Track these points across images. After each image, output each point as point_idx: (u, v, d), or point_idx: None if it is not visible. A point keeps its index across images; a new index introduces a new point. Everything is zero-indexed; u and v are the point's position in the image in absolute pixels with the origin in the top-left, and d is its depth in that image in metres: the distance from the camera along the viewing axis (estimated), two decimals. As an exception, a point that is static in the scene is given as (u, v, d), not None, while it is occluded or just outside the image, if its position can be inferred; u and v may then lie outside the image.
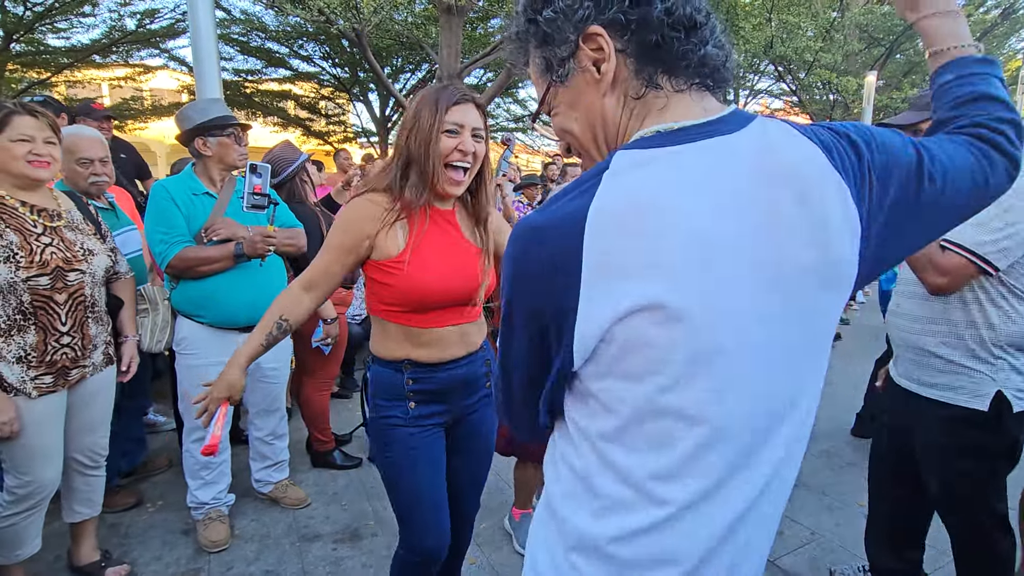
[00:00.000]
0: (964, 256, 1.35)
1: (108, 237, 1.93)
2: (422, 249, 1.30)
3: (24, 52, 9.19)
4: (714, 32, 0.60)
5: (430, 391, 1.37)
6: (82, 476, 1.89)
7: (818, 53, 10.48)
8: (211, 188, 2.12)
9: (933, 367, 1.47)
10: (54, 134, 1.68)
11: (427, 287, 1.29)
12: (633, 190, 0.54)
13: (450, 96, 1.27)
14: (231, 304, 2.07)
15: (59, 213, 1.74)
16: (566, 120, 0.66)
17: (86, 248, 1.76)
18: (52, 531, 2.16)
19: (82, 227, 1.81)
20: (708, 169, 0.56)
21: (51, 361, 1.66)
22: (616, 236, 0.53)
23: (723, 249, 0.54)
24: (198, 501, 2.20)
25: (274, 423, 2.43)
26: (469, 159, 1.30)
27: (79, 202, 1.89)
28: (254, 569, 2.05)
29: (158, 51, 10.34)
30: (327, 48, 11.07)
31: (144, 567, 2.05)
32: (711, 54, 0.60)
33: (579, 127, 0.65)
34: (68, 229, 1.75)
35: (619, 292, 0.53)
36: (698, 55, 0.59)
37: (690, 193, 0.54)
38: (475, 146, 1.30)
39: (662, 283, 0.53)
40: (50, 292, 1.64)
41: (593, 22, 0.59)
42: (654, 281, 0.52)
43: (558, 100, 0.66)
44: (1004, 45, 13.33)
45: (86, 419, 1.83)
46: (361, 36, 6.73)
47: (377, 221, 1.29)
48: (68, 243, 1.71)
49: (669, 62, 0.59)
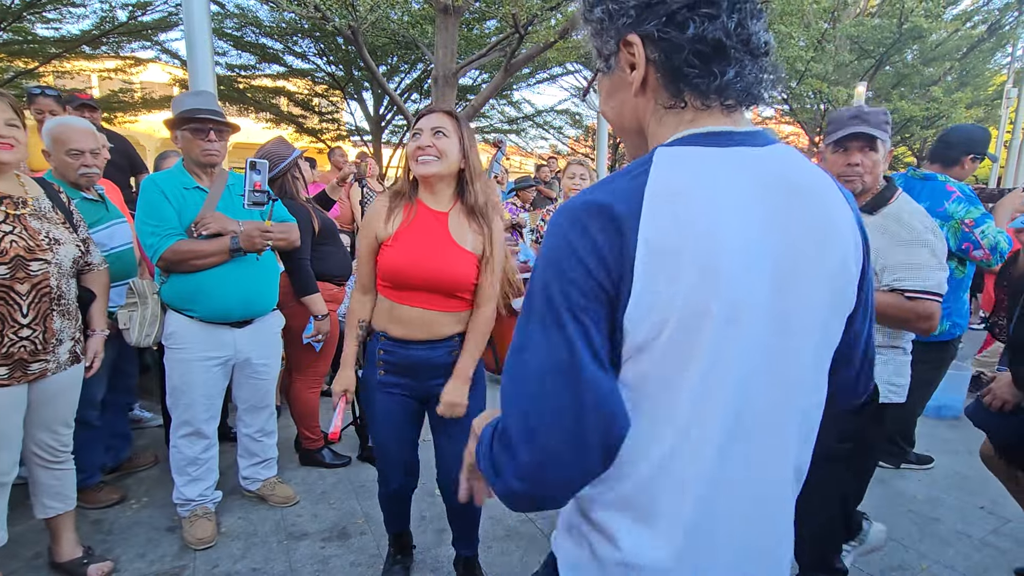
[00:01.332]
0: (936, 300, 1.52)
1: (80, 227, 1.87)
2: (405, 238, 1.59)
3: (11, 41, 9.04)
4: (755, 54, 0.64)
5: (394, 363, 1.65)
6: (47, 470, 1.84)
7: (809, 63, 10.62)
8: (200, 182, 2.10)
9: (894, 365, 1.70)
10: (17, 116, 1.64)
11: (400, 267, 1.57)
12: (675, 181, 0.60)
13: (422, 113, 1.60)
14: (222, 298, 2.06)
15: (24, 200, 1.68)
16: (604, 105, 0.75)
17: (52, 237, 1.70)
18: (31, 527, 2.12)
19: (50, 215, 1.74)
20: (736, 171, 0.62)
21: (7, 353, 1.61)
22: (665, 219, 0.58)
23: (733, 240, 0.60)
24: (184, 498, 2.18)
25: (263, 420, 2.40)
26: (429, 151, 1.54)
27: (50, 190, 1.82)
28: (240, 567, 2.03)
29: (150, 44, 10.22)
30: (322, 45, 11.00)
31: (128, 564, 2.02)
32: (741, 76, 0.63)
33: (612, 115, 0.74)
34: (34, 217, 1.69)
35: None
36: (724, 79, 0.62)
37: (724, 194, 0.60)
38: (434, 140, 1.54)
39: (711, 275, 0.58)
40: (10, 282, 1.58)
41: (632, 30, 0.64)
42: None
43: (601, 87, 0.74)
44: (990, 60, 13.60)
45: (46, 417, 1.78)
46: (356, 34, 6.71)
47: (380, 219, 1.62)
48: (32, 231, 1.65)
49: (693, 81, 0.63)
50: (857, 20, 11.31)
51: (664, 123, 0.66)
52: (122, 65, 10.30)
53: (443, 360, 1.66)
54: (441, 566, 2.05)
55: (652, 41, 0.63)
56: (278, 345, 2.42)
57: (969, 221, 2.47)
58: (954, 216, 2.52)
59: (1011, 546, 2.26)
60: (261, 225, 2.04)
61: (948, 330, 2.62)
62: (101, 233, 2.26)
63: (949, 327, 2.64)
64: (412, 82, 11.91)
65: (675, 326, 0.58)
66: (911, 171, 2.73)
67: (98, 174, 2.26)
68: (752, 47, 0.63)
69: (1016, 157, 11.28)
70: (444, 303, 1.61)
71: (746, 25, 0.62)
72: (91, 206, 2.25)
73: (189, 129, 2.02)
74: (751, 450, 0.64)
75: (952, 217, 2.52)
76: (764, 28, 0.64)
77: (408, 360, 1.64)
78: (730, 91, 0.63)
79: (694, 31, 0.61)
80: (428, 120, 1.56)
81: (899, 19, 10.31)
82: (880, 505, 2.56)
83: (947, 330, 2.60)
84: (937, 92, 11.27)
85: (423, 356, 1.64)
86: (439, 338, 1.64)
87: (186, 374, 2.09)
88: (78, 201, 2.18)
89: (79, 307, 1.85)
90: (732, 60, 0.62)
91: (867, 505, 2.52)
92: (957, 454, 3.10)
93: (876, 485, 2.73)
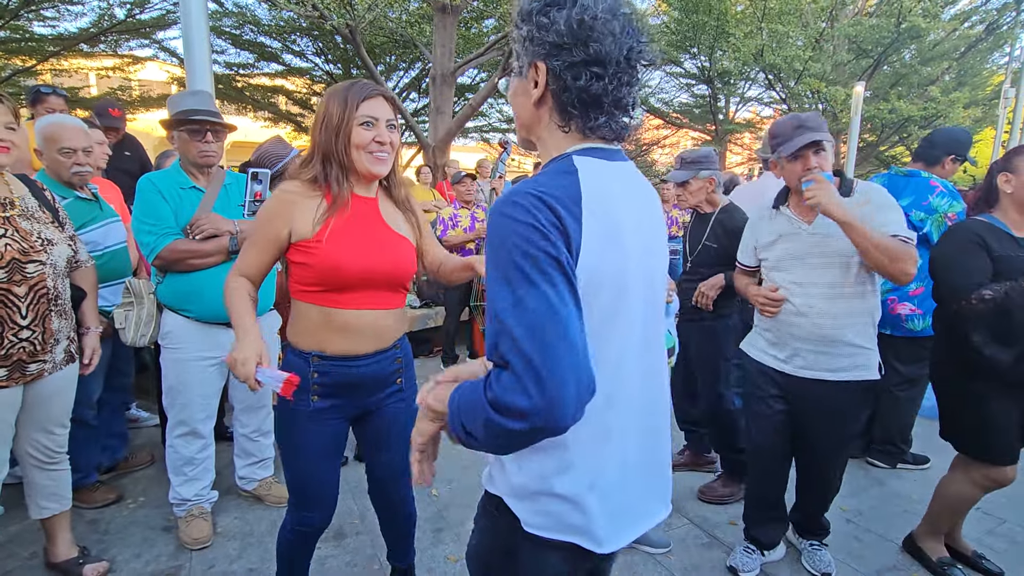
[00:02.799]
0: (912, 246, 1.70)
1: (67, 225, 1.85)
2: (340, 230, 1.37)
3: (8, 39, 9.00)
4: (625, 110, 0.84)
5: (334, 384, 1.43)
6: (42, 470, 1.83)
7: (807, 62, 10.63)
8: (197, 182, 2.09)
9: (843, 354, 1.79)
10: (15, 120, 1.63)
11: (343, 264, 1.35)
12: (597, 182, 0.81)
13: (360, 90, 1.36)
14: (219, 298, 2.04)
15: (11, 201, 1.66)
16: (510, 98, 0.92)
17: (44, 238, 1.69)
18: (26, 527, 2.12)
19: (38, 215, 1.73)
20: (620, 178, 0.86)
21: (6, 355, 1.60)
22: (595, 210, 0.78)
23: (633, 228, 0.84)
24: (180, 498, 2.17)
25: (259, 420, 2.40)
26: (387, 148, 1.40)
27: (33, 187, 1.79)
28: (236, 567, 2.03)
29: (148, 42, 10.19)
30: (320, 44, 10.99)
31: (123, 564, 2.02)
32: (609, 125, 0.83)
33: (513, 108, 0.92)
34: (23, 218, 1.67)
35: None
36: (596, 123, 0.83)
37: (618, 191, 0.84)
38: (391, 136, 1.40)
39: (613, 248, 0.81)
40: (8, 285, 1.57)
41: (542, 59, 0.81)
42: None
43: (512, 85, 0.90)
44: (988, 60, 13.61)
45: (41, 417, 1.77)
46: (355, 33, 6.70)
47: (295, 212, 1.36)
48: (24, 233, 1.64)
49: (576, 119, 0.83)
50: (855, 20, 11.31)
51: (555, 137, 0.86)
52: (120, 63, 10.27)
53: (391, 369, 1.51)
54: (437, 566, 2.05)
55: (554, 74, 0.81)
56: (276, 346, 2.42)
57: (952, 215, 2.60)
58: (938, 209, 2.63)
59: (1006, 547, 2.27)
60: None
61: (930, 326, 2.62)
62: (95, 232, 2.25)
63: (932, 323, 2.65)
64: (410, 81, 11.90)
65: (608, 289, 0.80)
66: (894, 169, 2.87)
67: (91, 172, 2.25)
68: (622, 105, 0.83)
69: (1014, 157, 11.28)
70: (391, 299, 1.47)
71: (621, 90, 0.81)
72: (85, 205, 2.24)
73: (186, 130, 2.01)
74: (650, 365, 0.91)
75: (936, 211, 2.63)
76: (636, 92, 0.84)
77: (350, 378, 1.43)
78: (600, 132, 0.84)
79: (583, 83, 0.79)
80: (378, 107, 1.37)
81: (897, 19, 10.32)
82: (876, 505, 2.56)
83: (929, 327, 2.65)
84: (935, 92, 11.27)
85: (371, 371, 1.45)
86: (387, 346, 1.48)
87: (182, 374, 2.09)
88: (72, 200, 2.18)
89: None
90: (605, 112, 0.82)
91: (864, 505, 2.54)
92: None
93: (873, 485, 2.74)
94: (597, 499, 0.83)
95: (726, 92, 14.28)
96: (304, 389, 1.39)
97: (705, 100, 14.58)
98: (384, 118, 1.38)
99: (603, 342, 0.81)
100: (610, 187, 0.82)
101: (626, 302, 0.82)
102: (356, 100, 1.35)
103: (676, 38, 12.20)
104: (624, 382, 0.85)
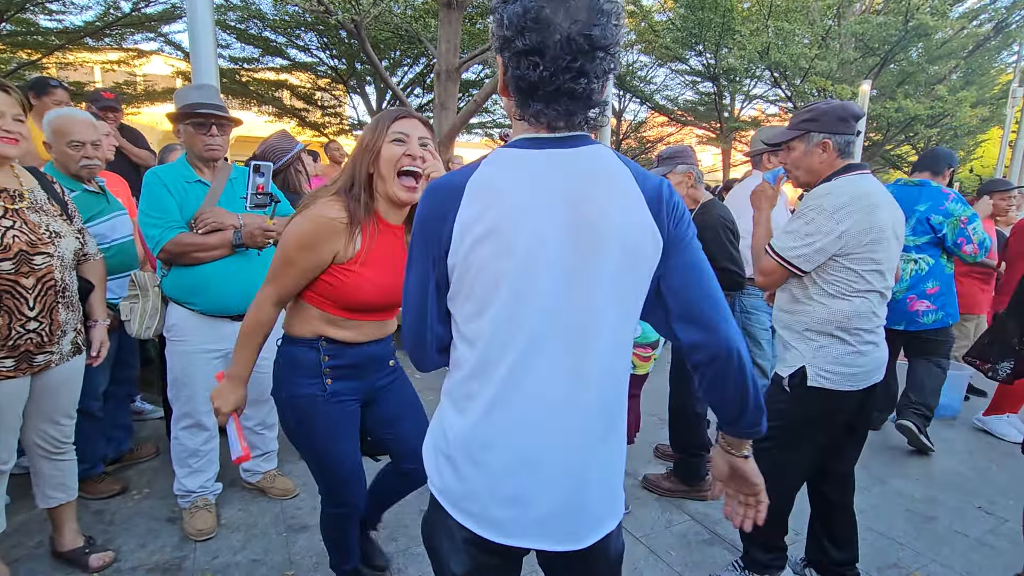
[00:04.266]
0: (776, 260, 1.70)
1: (76, 218, 1.86)
2: (373, 260, 1.40)
3: (14, 32, 9.03)
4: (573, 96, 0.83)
5: (343, 365, 1.46)
6: (49, 461, 1.84)
7: (813, 60, 10.56)
8: (202, 176, 2.10)
9: (784, 346, 1.79)
10: (23, 112, 1.64)
11: (370, 296, 1.41)
12: (487, 174, 0.86)
13: (392, 114, 1.41)
14: (224, 292, 2.06)
15: (21, 193, 1.67)
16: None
17: (52, 230, 1.70)
18: (33, 516, 2.14)
19: (47, 208, 1.73)
20: (541, 165, 0.86)
21: (13, 345, 1.61)
22: (475, 201, 0.84)
23: (536, 213, 0.83)
24: (185, 489, 2.19)
25: (263, 413, 2.42)
26: (419, 163, 1.38)
27: (43, 180, 1.80)
28: (240, 558, 2.04)
29: (153, 36, 10.20)
30: (325, 39, 10.98)
31: (128, 554, 2.04)
32: (546, 111, 0.84)
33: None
34: (31, 210, 1.67)
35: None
36: (532, 109, 0.85)
37: (518, 180, 0.85)
38: (423, 152, 1.39)
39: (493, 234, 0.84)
40: (15, 276, 1.58)
41: (498, 52, 0.86)
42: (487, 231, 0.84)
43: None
44: (996, 59, 13.52)
45: (49, 407, 1.78)
46: (360, 28, 6.69)
47: (339, 237, 1.36)
48: (32, 226, 1.65)
49: (520, 108, 0.87)
50: (862, 17, 11.23)
51: (517, 126, 0.90)
52: (125, 57, 10.30)
53: (389, 348, 1.60)
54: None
55: (505, 65, 0.85)
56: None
57: (964, 218, 2.90)
58: (954, 214, 2.91)
59: (1008, 546, 2.27)
60: (263, 223, 2.04)
61: (941, 320, 2.97)
62: (103, 225, 2.26)
63: (942, 317, 2.98)
64: (415, 76, 11.89)
65: (482, 275, 0.84)
66: (901, 181, 3.18)
67: (99, 166, 2.26)
68: (566, 92, 0.82)
69: (1022, 156, 11.22)
70: (396, 311, 1.53)
71: (561, 76, 0.80)
72: (92, 198, 2.25)
73: (191, 123, 2.02)
74: (544, 363, 0.87)
75: (953, 215, 2.92)
76: (600, 80, 0.83)
77: (359, 357, 1.48)
78: (541, 118, 0.85)
79: (520, 71, 0.82)
80: (411, 127, 1.39)
81: (904, 17, 10.25)
82: (878, 504, 2.56)
83: (940, 320, 2.96)
84: (942, 91, 11.19)
85: (375, 351, 1.53)
86: (389, 333, 1.58)
87: (187, 366, 2.10)
88: (79, 193, 2.19)
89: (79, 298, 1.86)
90: (541, 99, 0.83)
91: (865, 504, 2.54)
92: (955, 453, 3.11)
93: (874, 484, 2.74)
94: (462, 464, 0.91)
95: (731, 90, 14.22)
96: (316, 374, 1.44)
97: (710, 98, 14.52)
98: (416, 135, 1.39)
99: (476, 319, 0.88)
100: (510, 177, 0.85)
101: (511, 288, 0.84)
102: (388, 121, 1.39)
103: (681, 35, 12.14)
104: (512, 366, 0.86)
